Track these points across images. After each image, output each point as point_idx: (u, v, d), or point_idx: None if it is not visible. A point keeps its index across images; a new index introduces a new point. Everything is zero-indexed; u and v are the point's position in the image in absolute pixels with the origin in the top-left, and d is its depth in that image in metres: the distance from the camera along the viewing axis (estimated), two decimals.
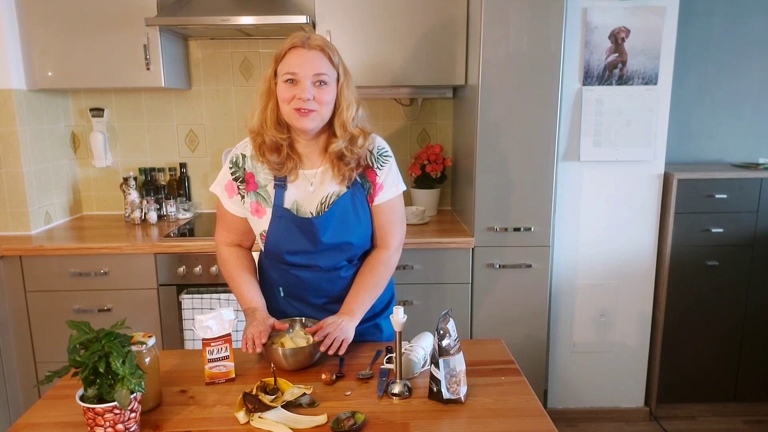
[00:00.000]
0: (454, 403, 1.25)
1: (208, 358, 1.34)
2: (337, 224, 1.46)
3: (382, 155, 1.52)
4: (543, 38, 2.19)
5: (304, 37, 1.37)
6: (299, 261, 1.50)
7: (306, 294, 1.56)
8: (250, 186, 1.49)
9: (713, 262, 2.58)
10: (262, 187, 1.48)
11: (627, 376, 2.70)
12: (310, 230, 1.45)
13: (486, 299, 2.38)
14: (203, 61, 2.78)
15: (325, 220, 1.45)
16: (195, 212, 2.87)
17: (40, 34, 2.40)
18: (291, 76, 1.35)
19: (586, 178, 2.52)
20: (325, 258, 1.49)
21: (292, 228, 1.46)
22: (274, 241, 1.48)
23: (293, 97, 1.36)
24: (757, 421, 2.70)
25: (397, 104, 2.84)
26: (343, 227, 1.47)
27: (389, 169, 1.52)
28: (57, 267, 2.28)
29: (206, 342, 1.33)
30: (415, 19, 2.39)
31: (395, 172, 1.54)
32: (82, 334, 1.09)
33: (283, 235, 1.46)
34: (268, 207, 1.48)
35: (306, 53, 1.35)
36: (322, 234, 1.45)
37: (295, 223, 1.45)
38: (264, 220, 1.49)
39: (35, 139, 2.48)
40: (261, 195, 1.48)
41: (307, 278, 1.52)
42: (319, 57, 1.36)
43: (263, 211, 1.48)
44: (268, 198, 1.48)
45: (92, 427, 1.09)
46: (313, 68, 1.35)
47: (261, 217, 1.49)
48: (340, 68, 1.40)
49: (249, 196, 1.49)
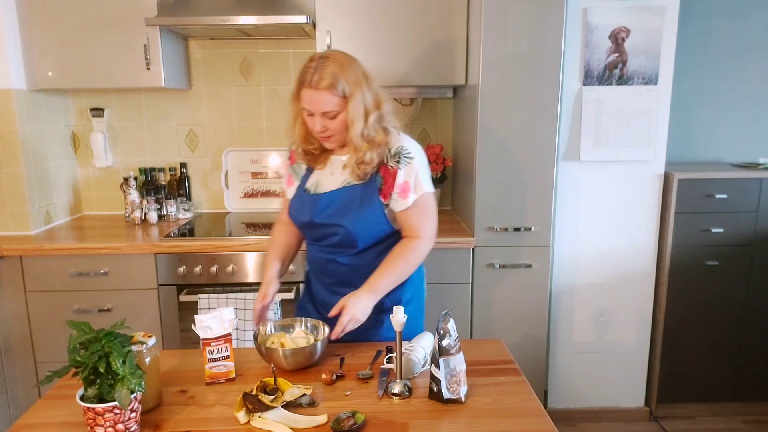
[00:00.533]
0: (454, 403, 1.25)
1: (208, 357, 1.34)
2: (336, 207, 1.56)
3: (403, 155, 1.54)
4: (543, 38, 2.19)
5: (311, 74, 1.47)
6: (305, 233, 1.69)
7: (317, 271, 1.70)
8: (291, 160, 1.72)
9: (713, 262, 2.58)
10: (298, 163, 1.69)
11: (627, 376, 2.70)
12: (311, 205, 1.59)
13: (486, 299, 2.38)
14: (203, 61, 2.78)
15: (326, 199, 1.58)
16: (195, 212, 2.87)
17: (40, 34, 2.40)
18: (306, 111, 1.52)
19: (586, 178, 2.52)
20: (320, 235, 1.61)
21: (303, 202, 1.62)
22: (291, 211, 1.68)
23: (313, 127, 1.54)
24: (757, 420, 2.70)
25: (397, 104, 2.84)
26: (341, 212, 1.55)
27: (411, 169, 1.54)
28: (57, 267, 2.28)
29: (206, 342, 1.33)
30: (416, 19, 2.39)
31: (420, 174, 1.56)
32: (82, 334, 1.09)
33: (294, 207, 1.66)
34: (296, 180, 1.68)
35: (313, 94, 1.47)
36: (318, 211, 1.57)
37: (304, 198, 1.63)
38: (290, 189, 1.70)
39: (35, 139, 2.49)
40: (294, 169, 1.70)
41: (316, 255, 1.67)
42: (323, 97, 1.47)
43: (292, 182, 1.70)
44: (300, 172, 1.68)
45: (92, 427, 1.09)
46: (321, 107, 1.48)
47: (290, 186, 1.71)
48: (348, 90, 1.47)
49: (289, 169, 1.73)
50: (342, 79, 1.46)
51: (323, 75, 1.45)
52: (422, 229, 1.58)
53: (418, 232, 1.58)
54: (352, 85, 1.47)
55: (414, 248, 1.57)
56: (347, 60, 1.50)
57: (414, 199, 1.55)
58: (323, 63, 1.46)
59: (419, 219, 1.58)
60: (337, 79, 1.45)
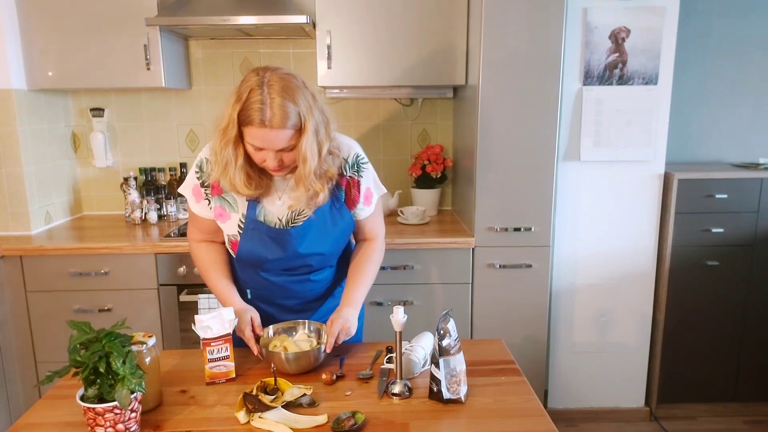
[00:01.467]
0: (454, 403, 1.25)
1: (208, 358, 1.34)
2: (314, 234, 1.47)
3: (360, 163, 1.51)
4: (543, 38, 2.19)
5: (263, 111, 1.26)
6: (272, 267, 1.51)
7: (274, 296, 1.58)
8: (215, 190, 1.47)
9: (713, 262, 2.58)
10: (227, 191, 1.46)
11: (627, 376, 2.70)
12: (287, 241, 1.45)
13: (486, 299, 2.38)
14: (203, 61, 2.78)
15: (303, 230, 1.46)
16: None
17: (40, 34, 2.40)
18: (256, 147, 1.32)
19: (586, 178, 2.52)
20: (298, 264, 1.51)
21: (266, 239, 1.46)
22: (248, 250, 1.47)
23: (263, 160, 1.35)
24: (757, 421, 2.70)
25: (397, 104, 2.84)
26: (320, 237, 1.48)
27: (369, 174, 1.54)
28: (57, 267, 2.28)
29: (206, 342, 1.33)
30: (416, 19, 2.39)
31: (374, 175, 1.57)
32: (83, 334, 1.09)
33: (256, 246, 1.46)
34: (233, 212, 1.47)
35: (268, 133, 1.28)
36: (298, 245, 1.46)
37: (270, 234, 1.45)
38: (228, 224, 1.48)
39: (35, 139, 2.48)
40: (226, 200, 1.47)
41: (278, 282, 1.54)
42: (280, 134, 1.29)
43: (227, 216, 1.48)
44: (233, 203, 1.47)
45: (92, 427, 1.09)
46: (277, 144, 1.30)
47: (225, 222, 1.49)
48: (302, 121, 1.31)
49: (213, 201, 1.49)
50: (294, 110, 1.28)
51: (274, 109, 1.26)
52: (379, 229, 1.62)
53: (376, 233, 1.62)
54: (305, 113, 1.30)
55: (376, 250, 1.60)
56: (293, 84, 1.30)
57: (375, 202, 1.57)
58: (270, 94, 1.27)
59: (376, 220, 1.61)
60: (290, 111, 1.27)
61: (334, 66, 2.40)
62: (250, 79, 1.31)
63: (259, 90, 1.28)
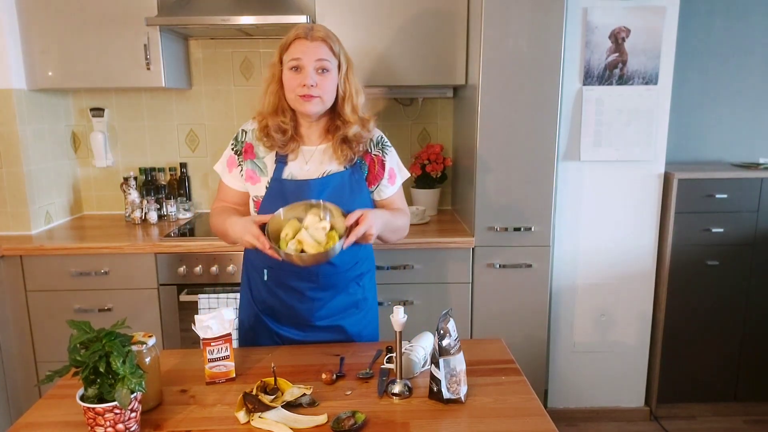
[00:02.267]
0: (454, 402, 1.25)
1: (208, 357, 1.34)
2: (332, 191, 1.50)
3: (385, 144, 1.61)
4: (543, 38, 2.19)
5: (307, 28, 1.45)
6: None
7: (289, 277, 1.55)
8: (248, 155, 1.56)
9: (713, 261, 2.58)
10: (260, 158, 1.55)
11: (627, 376, 2.70)
12: (304, 192, 1.48)
13: (486, 299, 2.38)
14: (203, 60, 2.78)
15: (321, 184, 1.50)
16: (195, 212, 2.87)
17: (40, 34, 2.40)
18: (295, 63, 1.44)
19: (586, 178, 2.52)
20: None
21: (287, 194, 1.48)
22: (269, 206, 1.48)
23: (298, 84, 1.44)
24: (758, 420, 2.70)
25: (397, 104, 2.84)
26: (336, 200, 1.47)
27: (393, 156, 1.62)
28: (57, 267, 2.28)
29: (206, 342, 1.33)
30: (416, 19, 2.39)
31: (398, 158, 1.64)
32: (83, 333, 1.09)
33: (277, 200, 1.47)
34: (263, 176, 1.54)
35: (309, 44, 1.43)
36: (315, 197, 1.46)
37: (291, 188, 1.49)
38: (257, 187, 1.55)
39: (36, 139, 2.49)
40: (257, 164, 1.55)
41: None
42: (321, 47, 1.43)
43: (257, 179, 1.55)
44: (264, 168, 1.54)
45: (92, 426, 1.09)
46: (316, 54, 1.43)
47: (254, 184, 1.55)
48: (342, 57, 1.47)
49: (246, 164, 1.56)
50: (336, 43, 1.46)
51: (318, 28, 1.44)
52: (404, 206, 1.66)
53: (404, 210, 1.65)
54: (345, 56, 1.48)
55: (406, 216, 1.63)
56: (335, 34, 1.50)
57: (401, 181, 1.63)
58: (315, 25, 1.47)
59: (402, 201, 1.66)
60: (331, 38, 1.45)
61: None
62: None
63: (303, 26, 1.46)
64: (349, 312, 1.63)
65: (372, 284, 1.73)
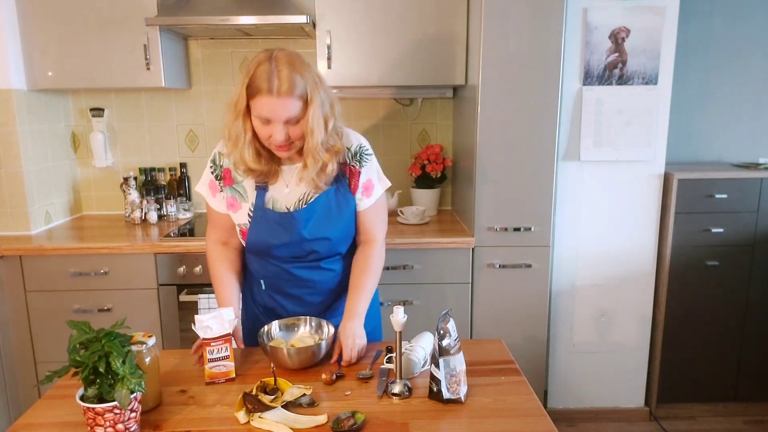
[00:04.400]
0: (454, 403, 1.25)
1: (208, 357, 1.34)
2: (318, 218, 1.49)
3: (364, 153, 1.54)
4: (543, 38, 2.19)
5: (271, 78, 1.31)
6: (279, 254, 1.52)
7: (286, 285, 1.57)
8: (227, 181, 1.52)
9: (713, 262, 2.58)
10: (239, 182, 1.51)
11: (627, 376, 2.70)
12: (291, 224, 1.47)
13: (486, 299, 2.38)
14: (203, 60, 2.78)
15: (306, 213, 1.48)
16: (195, 212, 2.87)
17: (40, 34, 2.40)
18: (263, 120, 1.36)
19: (586, 178, 2.52)
20: (305, 250, 1.51)
21: (272, 224, 1.48)
22: (255, 237, 1.50)
23: (269, 135, 1.38)
24: (757, 421, 2.70)
25: (397, 104, 2.84)
26: (325, 222, 1.49)
27: (371, 166, 1.55)
28: (57, 267, 2.28)
29: (206, 342, 1.33)
30: (416, 19, 2.39)
31: (378, 168, 1.58)
32: (82, 333, 1.09)
33: (263, 232, 1.49)
34: (243, 202, 1.51)
35: (276, 101, 1.32)
36: (302, 228, 1.47)
37: (275, 219, 1.48)
38: (239, 214, 1.52)
39: (35, 139, 2.48)
40: (237, 190, 1.52)
41: (288, 269, 1.54)
42: (287, 103, 1.33)
43: (238, 205, 1.52)
44: (244, 193, 1.51)
45: (92, 427, 1.09)
46: (284, 115, 1.34)
47: (236, 211, 1.52)
48: (308, 93, 1.35)
49: (225, 191, 1.53)
50: (302, 82, 1.33)
51: (282, 79, 1.31)
52: (377, 230, 1.59)
53: (373, 235, 1.59)
54: (311, 88, 1.35)
55: (375, 257, 1.57)
56: (300, 61, 1.36)
57: (377, 195, 1.56)
58: (277, 65, 1.32)
59: (376, 218, 1.58)
60: (297, 81, 1.32)
61: (334, 66, 2.40)
62: (259, 56, 1.36)
63: (267, 63, 1.33)
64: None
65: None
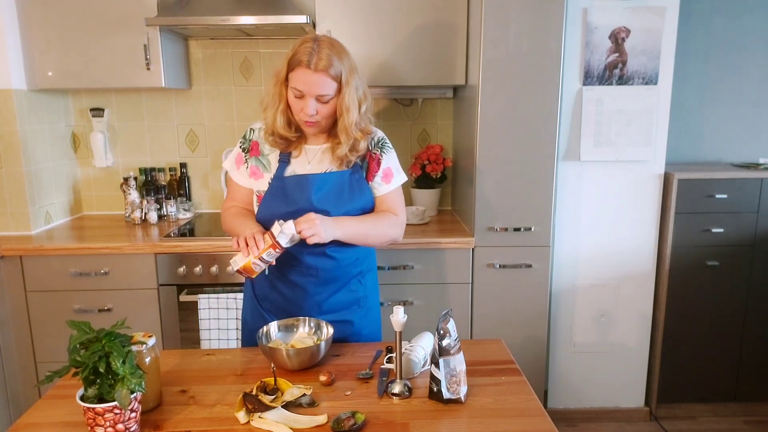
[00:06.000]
0: (454, 403, 1.25)
1: (262, 255, 1.39)
2: (330, 191, 1.53)
3: (385, 144, 1.63)
4: (543, 38, 2.19)
5: (311, 53, 1.42)
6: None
7: (290, 272, 1.58)
8: (253, 152, 1.60)
9: (713, 262, 2.58)
10: (264, 155, 1.59)
11: (627, 376, 2.70)
12: (304, 187, 1.52)
13: (486, 299, 2.38)
14: (203, 61, 2.78)
15: (321, 180, 1.53)
16: (195, 212, 2.87)
17: (40, 34, 2.40)
18: (298, 93, 1.46)
19: (586, 178, 2.52)
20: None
21: (287, 189, 1.54)
22: (269, 201, 1.56)
23: (300, 109, 1.48)
24: (758, 421, 2.70)
25: (397, 104, 2.84)
26: (335, 198, 1.54)
27: (392, 156, 1.63)
28: (57, 267, 2.28)
29: (275, 245, 1.39)
30: (416, 19, 2.39)
31: (397, 161, 1.66)
32: (83, 334, 1.09)
33: (277, 197, 1.54)
34: (266, 172, 1.58)
35: (311, 75, 1.43)
36: (313, 193, 1.52)
37: (290, 183, 1.54)
38: (260, 182, 1.59)
39: (35, 139, 2.49)
40: (261, 161, 1.59)
41: (293, 251, 1.51)
42: (322, 79, 1.43)
43: (260, 174, 1.59)
44: (267, 165, 1.58)
45: (92, 427, 1.09)
46: (316, 90, 1.44)
47: (257, 179, 1.59)
48: (344, 76, 1.46)
49: (250, 161, 1.60)
50: (339, 64, 1.44)
51: (321, 56, 1.42)
52: (400, 210, 1.64)
53: (397, 213, 1.64)
54: (347, 72, 1.46)
55: (390, 219, 1.61)
56: (341, 46, 1.49)
57: (397, 184, 1.63)
58: (320, 45, 1.44)
59: (398, 202, 1.64)
60: (335, 62, 1.44)
61: None
62: (306, 36, 1.48)
63: (311, 42, 1.45)
64: (352, 309, 1.65)
65: (374, 284, 1.74)
